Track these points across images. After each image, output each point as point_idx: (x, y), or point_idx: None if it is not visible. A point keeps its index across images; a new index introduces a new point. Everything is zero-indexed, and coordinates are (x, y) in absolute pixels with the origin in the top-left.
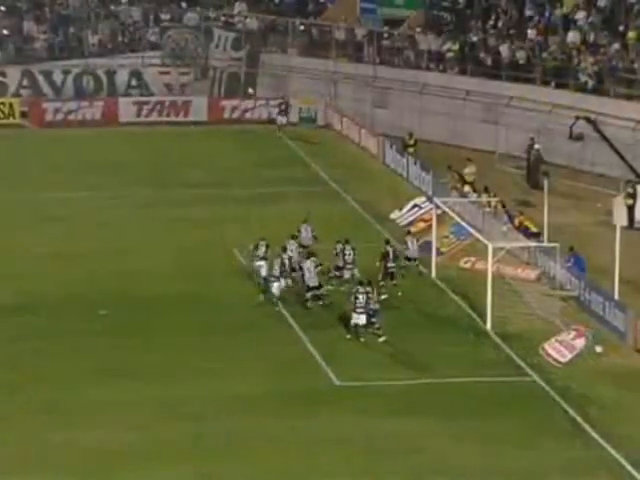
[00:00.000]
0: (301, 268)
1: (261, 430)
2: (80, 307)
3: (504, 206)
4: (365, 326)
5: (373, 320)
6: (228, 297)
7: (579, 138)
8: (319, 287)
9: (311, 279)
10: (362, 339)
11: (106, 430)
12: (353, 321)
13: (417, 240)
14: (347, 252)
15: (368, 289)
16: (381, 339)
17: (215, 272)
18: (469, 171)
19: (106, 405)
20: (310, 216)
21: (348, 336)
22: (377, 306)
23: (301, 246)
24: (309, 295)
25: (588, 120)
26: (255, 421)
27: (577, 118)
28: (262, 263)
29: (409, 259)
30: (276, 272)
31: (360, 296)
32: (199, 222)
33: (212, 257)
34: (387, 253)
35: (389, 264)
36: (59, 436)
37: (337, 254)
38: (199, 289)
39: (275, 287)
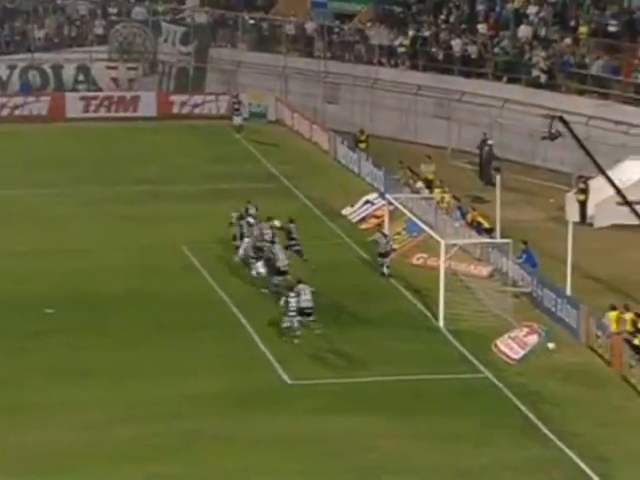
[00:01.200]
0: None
1: (213, 430)
2: (29, 305)
3: (457, 202)
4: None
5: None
6: (180, 295)
7: (554, 138)
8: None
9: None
10: (296, 341)
11: (58, 430)
12: (285, 324)
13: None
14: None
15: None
16: (317, 331)
17: (166, 270)
18: (429, 169)
19: (58, 405)
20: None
21: (284, 338)
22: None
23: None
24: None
25: (561, 120)
26: (207, 421)
27: (551, 118)
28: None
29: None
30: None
31: (292, 300)
32: (149, 219)
33: (163, 255)
34: (288, 230)
35: (291, 242)
36: (11, 437)
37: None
38: (150, 287)
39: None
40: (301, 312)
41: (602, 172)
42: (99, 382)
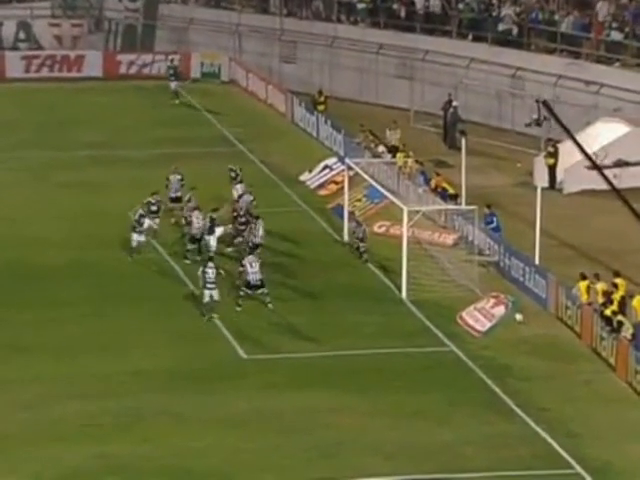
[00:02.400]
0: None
1: (163, 407)
2: None
3: (421, 166)
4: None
5: (262, 289)
6: (127, 266)
7: (540, 124)
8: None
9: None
10: (215, 315)
11: None
12: (205, 298)
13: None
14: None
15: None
16: (270, 305)
17: (113, 239)
18: (395, 136)
19: None
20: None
21: (205, 318)
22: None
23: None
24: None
25: (545, 104)
26: (157, 398)
27: (537, 102)
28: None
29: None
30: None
31: (209, 271)
32: (94, 186)
33: (109, 223)
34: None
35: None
36: None
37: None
38: (95, 258)
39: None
40: (249, 285)
41: (592, 162)
42: (39, 358)
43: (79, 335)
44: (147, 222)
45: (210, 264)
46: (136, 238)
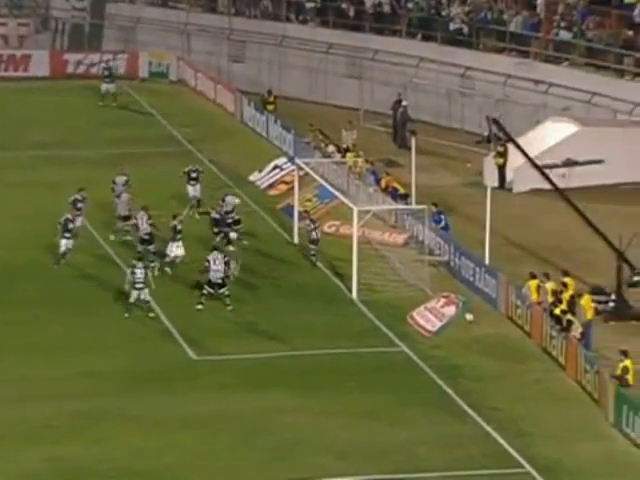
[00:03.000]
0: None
1: (115, 409)
2: None
3: (371, 165)
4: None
5: (223, 289)
6: (78, 267)
7: (489, 141)
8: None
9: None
10: (152, 314)
11: None
12: (131, 299)
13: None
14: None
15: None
16: (229, 307)
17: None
18: (351, 136)
19: None
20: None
21: (126, 315)
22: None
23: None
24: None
25: (495, 121)
26: (111, 400)
27: (487, 119)
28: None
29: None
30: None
31: (138, 271)
32: (44, 186)
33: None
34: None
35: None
36: None
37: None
38: (46, 259)
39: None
40: (209, 283)
41: (561, 195)
42: None
43: (32, 337)
44: (74, 225)
45: (139, 264)
46: (64, 244)
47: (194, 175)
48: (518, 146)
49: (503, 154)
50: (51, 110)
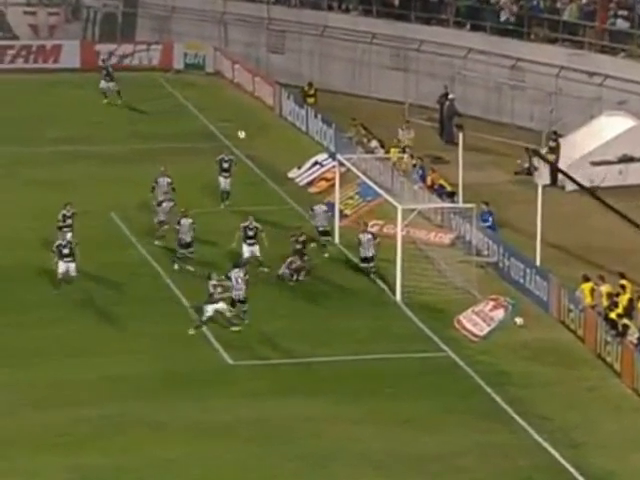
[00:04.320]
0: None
1: (144, 416)
2: None
3: (417, 163)
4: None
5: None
6: (108, 267)
7: (530, 173)
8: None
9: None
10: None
11: None
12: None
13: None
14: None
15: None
16: (245, 321)
17: (92, 239)
18: (408, 136)
19: None
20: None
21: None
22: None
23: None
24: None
25: (535, 152)
26: (138, 406)
27: (527, 151)
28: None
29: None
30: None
31: (219, 289)
32: (70, 183)
33: (88, 222)
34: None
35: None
36: None
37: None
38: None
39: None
40: (232, 303)
41: (600, 201)
42: (12, 364)
43: (55, 339)
44: (69, 247)
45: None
46: (64, 267)
47: (226, 166)
48: (563, 173)
49: (555, 149)
50: (80, 104)
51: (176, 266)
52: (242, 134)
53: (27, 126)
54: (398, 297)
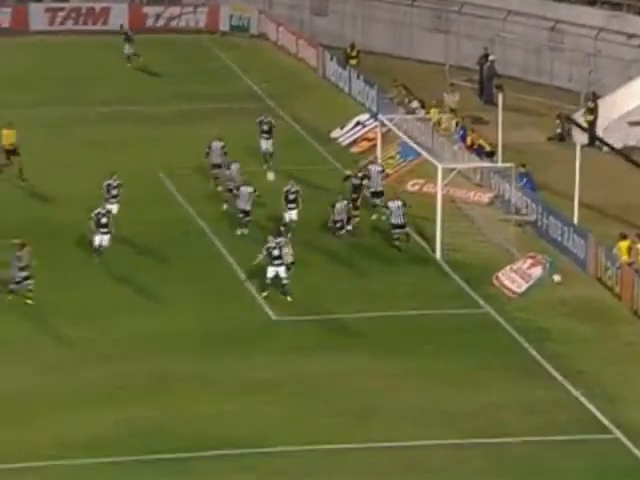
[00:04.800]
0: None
1: (191, 371)
2: None
3: (458, 123)
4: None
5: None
6: (156, 225)
7: (562, 139)
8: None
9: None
10: (264, 293)
11: (17, 372)
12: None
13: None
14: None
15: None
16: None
17: (141, 198)
18: (453, 99)
19: (16, 344)
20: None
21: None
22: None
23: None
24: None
25: (568, 119)
26: (182, 362)
27: (559, 117)
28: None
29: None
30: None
31: (274, 252)
32: (119, 143)
33: (136, 182)
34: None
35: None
36: None
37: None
38: (123, 215)
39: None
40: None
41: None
42: (61, 320)
43: (104, 296)
44: (107, 218)
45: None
46: (99, 239)
47: (266, 128)
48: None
49: (593, 110)
50: (126, 66)
51: (238, 231)
52: (271, 176)
53: (77, 87)
54: (438, 255)
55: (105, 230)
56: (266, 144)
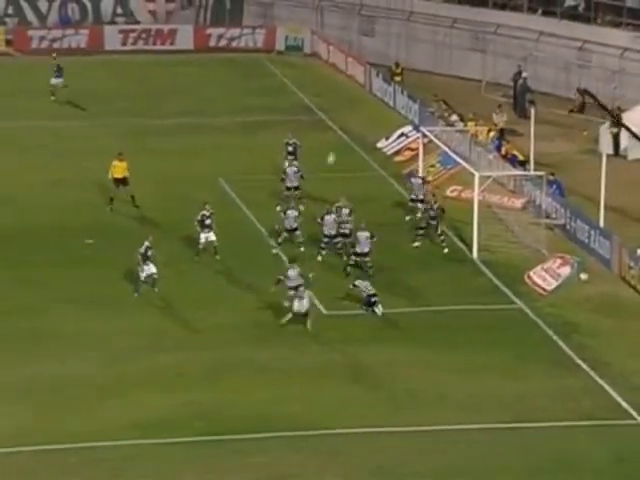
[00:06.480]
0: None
1: (244, 359)
2: (66, 236)
3: (500, 133)
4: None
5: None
6: (220, 228)
7: (582, 111)
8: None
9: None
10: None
11: (83, 360)
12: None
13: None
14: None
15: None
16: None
17: (202, 201)
18: (501, 119)
19: (85, 336)
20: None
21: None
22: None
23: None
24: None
25: (585, 91)
26: (241, 351)
27: (578, 91)
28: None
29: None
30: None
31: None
32: (184, 151)
33: (198, 186)
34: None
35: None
36: (35, 367)
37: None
38: (183, 217)
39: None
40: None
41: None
42: (123, 312)
43: (165, 290)
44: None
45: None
46: (204, 237)
47: (290, 149)
48: (607, 110)
49: (618, 123)
50: (193, 81)
51: (319, 257)
52: (332, 158)
53: (149, 101)
54: (475, 254)
55: (208, 230)
56: (290, 170)
